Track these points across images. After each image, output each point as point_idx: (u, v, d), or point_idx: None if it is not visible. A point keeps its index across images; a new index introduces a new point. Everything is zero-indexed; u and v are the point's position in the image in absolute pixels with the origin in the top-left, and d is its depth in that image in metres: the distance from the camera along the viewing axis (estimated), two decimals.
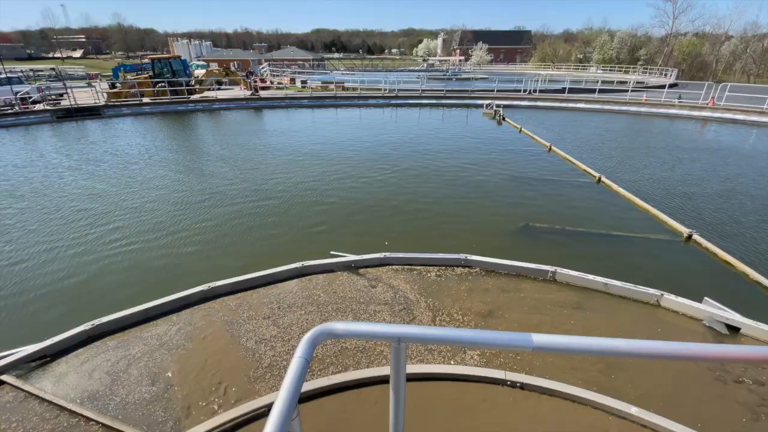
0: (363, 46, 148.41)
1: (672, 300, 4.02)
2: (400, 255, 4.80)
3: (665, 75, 36.91)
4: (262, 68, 41.05)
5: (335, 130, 16.72)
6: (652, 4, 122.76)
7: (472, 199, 8.51)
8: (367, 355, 3.35)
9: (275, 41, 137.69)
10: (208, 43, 68.36)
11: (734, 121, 18.88)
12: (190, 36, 76.86)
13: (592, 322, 3.82)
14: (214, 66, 35.56)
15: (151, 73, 24.13)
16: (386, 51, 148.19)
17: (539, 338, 0.98)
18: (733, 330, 3.68)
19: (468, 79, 42.96)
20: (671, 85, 29.71)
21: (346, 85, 29.96)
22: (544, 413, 2.79)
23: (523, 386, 3.02)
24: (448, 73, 48.96)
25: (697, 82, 34.45)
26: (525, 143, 13.86)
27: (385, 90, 26.87)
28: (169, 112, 21.37)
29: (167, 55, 25.50)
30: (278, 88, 28.62)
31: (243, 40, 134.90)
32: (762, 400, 2.91)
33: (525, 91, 25.29)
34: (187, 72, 26.22)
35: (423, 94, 26.06)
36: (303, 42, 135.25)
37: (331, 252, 4.77)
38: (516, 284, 4.50)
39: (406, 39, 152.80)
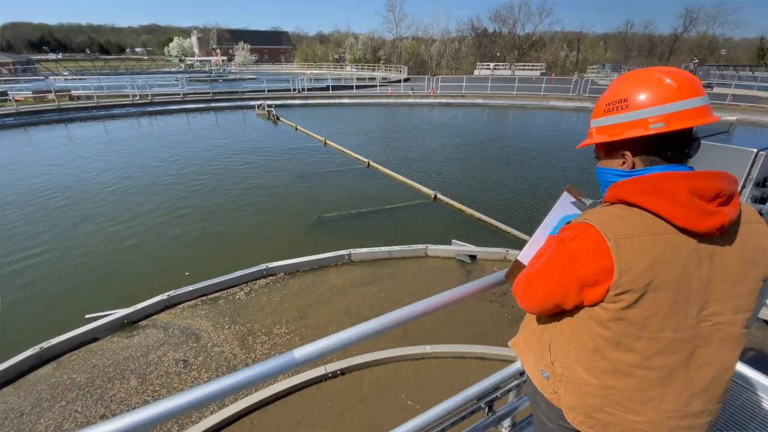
0: (92, 45, 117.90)
1: (434, 248, 5.11)
2: (190, 288, 4.16)
3: (400, 71, 45.54)
4: None
5: (71, 153, 12.72)
6: (379, 13, 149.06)
7: (264, 203, 8.25)
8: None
9: None
10: None
11: (448, 104, 25.31)
12: None
13: (386, 289, 4.40)
14: None
15: None
16: (128, 50, 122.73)
17: (300, 352, 0.97)
18: (473, 258, 4.99)
19: (236, 80, 40.85)
20: (405, 80, 37.07)
21: (76, 93, 23.18)
22: (364, 384, 3.05)
23: (344, 371, 3.20)
24: (212, 74, 45.15)
25: (421, 76, 44.26)
26: (302, 140, 14.42)
27: (134, 96, 22.38)
28: None
29: None
30: None
31: None
32: (503, 301, 4.13)
33: (295, 90, 26.16)
34: None
35: (186, 98, 23.17)
36: None
37: (86, 316, 3.65)
38: (321, 277, 4.68)
39: (152, 37, 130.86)
